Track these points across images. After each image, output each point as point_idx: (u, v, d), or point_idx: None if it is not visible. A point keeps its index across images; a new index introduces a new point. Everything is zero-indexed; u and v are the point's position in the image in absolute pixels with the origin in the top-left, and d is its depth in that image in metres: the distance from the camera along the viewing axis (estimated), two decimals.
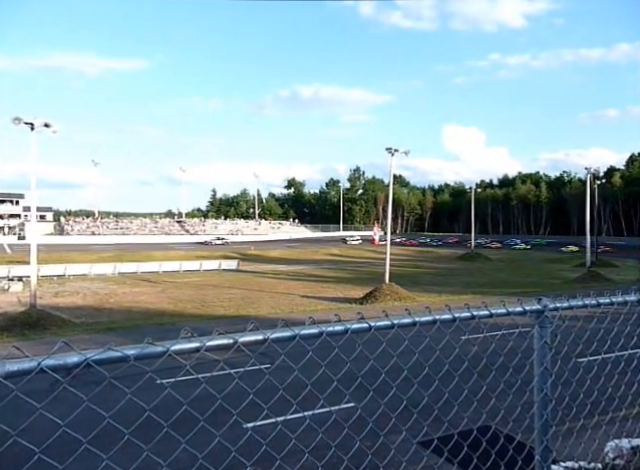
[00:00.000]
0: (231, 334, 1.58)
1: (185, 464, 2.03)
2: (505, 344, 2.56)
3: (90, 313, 25.90)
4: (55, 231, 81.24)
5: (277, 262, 57.10)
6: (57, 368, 1.22)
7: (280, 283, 39.47)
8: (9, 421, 1.40)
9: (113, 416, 1.68)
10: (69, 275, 39.95)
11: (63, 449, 1.54)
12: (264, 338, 1.67)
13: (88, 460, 1.72)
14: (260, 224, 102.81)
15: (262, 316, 24.49)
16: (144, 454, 1.76)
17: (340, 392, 2.28)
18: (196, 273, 45.00)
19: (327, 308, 26.89)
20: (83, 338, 18.92)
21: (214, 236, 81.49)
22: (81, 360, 1.24)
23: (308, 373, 2.11)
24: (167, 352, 1.42)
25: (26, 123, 22.23)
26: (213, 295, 32.35)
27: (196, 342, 1.50)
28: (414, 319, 2.04)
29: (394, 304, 27.40)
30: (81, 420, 1.72)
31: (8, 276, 36.55)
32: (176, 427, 1.88)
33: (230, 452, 2.00)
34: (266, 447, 2.03)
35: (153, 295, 32.25)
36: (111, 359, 1.30)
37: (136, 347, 1.35)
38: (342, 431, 2.21)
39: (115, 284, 37.03)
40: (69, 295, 31.55)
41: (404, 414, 2.44)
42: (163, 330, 20.46)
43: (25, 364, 1.17)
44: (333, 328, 1.84)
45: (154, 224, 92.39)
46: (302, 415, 2.32)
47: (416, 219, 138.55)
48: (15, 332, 20.72)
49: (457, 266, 55.68)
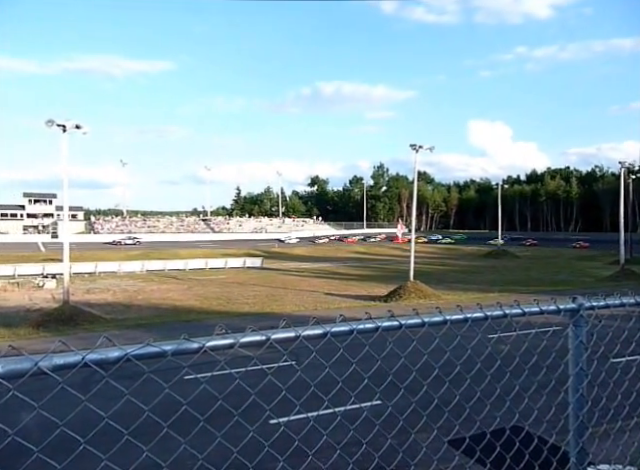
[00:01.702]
0: (263, 331, 1.60)
1: (215, 459, 2.06)
2: (538, 343, 2.51)
3: (120, 309, 26.57)
4: (86, 230, 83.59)
5: (301, 260, 57.34)
6: (99, 362, 1.26)
7: (304, 280, 39.62)
8: (51, 412, 1.47)
9: (142, 410, 1.72)
10: (99, 272, 41.06)
11: (103, 440, 1.58)
12: (295, 335, 1.69)
13: (129, 451, 1.77)
14: (284, 222, 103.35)
15: (286, 313, 24.63)
16: (181, 447, 1.81)
17: (368, 390, 2.27)
18: (221, 271, 45.62)
19: (351, 306, 26.85)
20: (114, 334, 19.40)
21: (125, 235, 75.62)
22: (122, 355, 1.28)
23: (335, 370, 2.11)
24: (203, 348, 1.44)
25: (58, 125, 22.91)
26: (238, 292, 32.73)
27: (230, 338, 1.52)
28: (445, 317, 2.02)
29: (419, 302, 27.16)
30: (117, 413, 1.78)
31: (43, 273, 37.82)
32: (206, 422, 1.91)
33: (260, 447, 2.03)
34: (298, 442, 2.05)
35: (180, 292, 32.84)
36: (149, 354, 1.33)
37: (173, 343, 1.38)
38: (371, 429, 2.21)
39: (143, 281, 37.87)
40: (100, 292, 32.43)
41: (434, 412, 2.42)
42: (190, 327, 20.78)
43: (70, 358, 1.21)
44: (364, 326, 1.84)
45: (180, 223, 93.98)
46: (332, 411, 2.33)
47: (441, 216, 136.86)
48: (50, 327, 21.41)
49: (483, 263, 54.76)
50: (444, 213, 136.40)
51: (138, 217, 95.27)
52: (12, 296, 30.46)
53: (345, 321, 1.78)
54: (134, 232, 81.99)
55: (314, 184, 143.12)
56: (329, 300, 29.58)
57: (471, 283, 36.04)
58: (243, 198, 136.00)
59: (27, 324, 22.17)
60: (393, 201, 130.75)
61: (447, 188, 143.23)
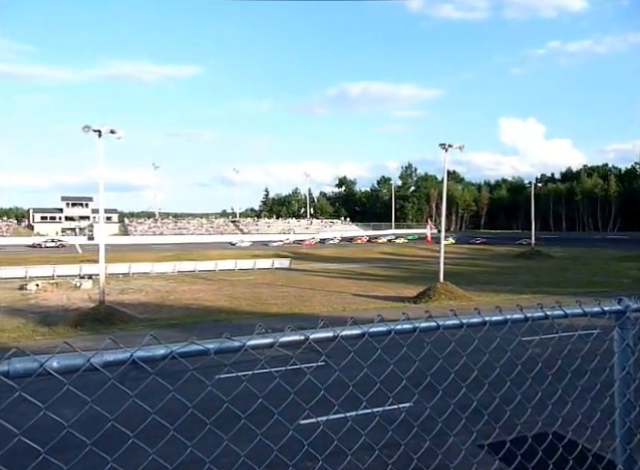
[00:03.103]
0: (302, 331, 1.60)
1: (251, 457, 2.08)
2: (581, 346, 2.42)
3: (152, 309, 27.19)
4: (120, 232, 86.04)
5: (329, 260, 57.35)
6: (146, 359, 1.29)
7: (332, 281, 39.60)
8: (92, 408, 1.52)
9: (176, 408, 1.75)
10: (133, 273, 42.13)
11: (150, 435, 1.63)
12: (334, 335, 1.69)
13: (175, 446, 1.81)
14: (312, 223, 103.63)
15: (315, 314, 24.67)
16: (224, 444, 1.83)
17: (402, 391, 2.26)
18: (250, 271, 46.10)
19: (380, 307, 26.67)
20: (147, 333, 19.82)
21: (48, 238, 73.57)
22: (167, 352, 1.31)
23: (367, 371, 2.11)
24: (244, 347, 1.46)
25: (94, 130, 23.66)
26: (267, 293, 33.00)
27: (270, 338, 1.54)
28: (484, 318, 1.98)
29: (449, 303, 26.72)
30: (137, 413, 1.81)
31: (80, 274, 39.13)
32: (232, 422, 1.93)
33: (294, 446, 2.04)
34: (331, 443, 2.05)
35: (210, 293, 33.36)
36: (193, 352, 1.36)
37: (215, 341, 1.41)
38: (406, 430, 2.18)
39: (175, 282, 38.65)
40: (133, 292, 33.29)
41: (471, 415, 2.38)
42: (220, 326, 21.09)
43: (119, 355, 1.26)
44: (402, 326, 1.83)
45: (210, 224, 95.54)
46: (368, 412, 2.31)
47: (471, 216, 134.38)
48: (87, 326, 22.11)
49: (516, 264, 53.44)
50: (474, 213, 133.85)
51: (170, 219, 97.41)
52: (52, 296, 31.61)
53: (383, 321, 1.78)
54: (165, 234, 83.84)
55: (342, 185, 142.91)
56: (357, 301, 29.46)
57: (503, 284, 35.21)
58: (271, 200, 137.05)
59: (65, 323, 22.97)
60: (422, 201, 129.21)
61: (477, 187, 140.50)
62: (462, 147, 31.53)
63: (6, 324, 22.81)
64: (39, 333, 21.11)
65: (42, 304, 28.50)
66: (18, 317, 24.49)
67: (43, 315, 25.01)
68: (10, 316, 24.79)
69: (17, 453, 1.66)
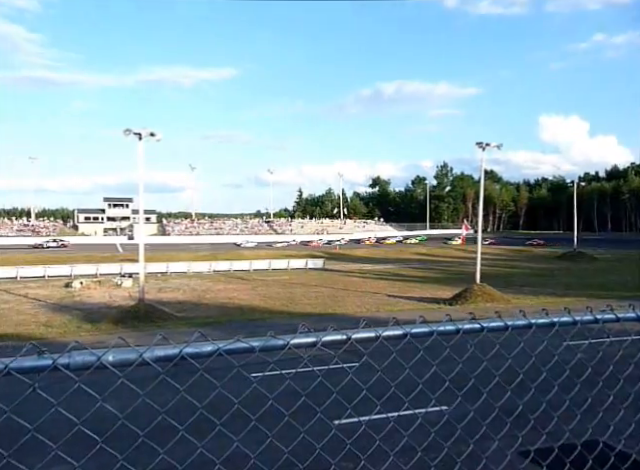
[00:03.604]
0: (344, 330, 1.61)
1: (275, 455, 2.10)
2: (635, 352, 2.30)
3: (189, 308, 27.85)
4: (158, 232, 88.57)
5: (363, 261, 57.12)
6: (194, 355, 1.33)
7: (366, 282, 39.44)
8: (123, 404, 1.58)
9: (210, 404, 1.79)
10: (171, 272, 43.26)
11: (164, 433, 1.68)
12: (375, 335, 1.68)
13: (189, 444, 1.85)
14: (345, 223, 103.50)
15: (349, 314, 24.64)
16: (235, 444, 1.86)
17: (440, 394, 2.22)
18: (284, 271, 46.48)
19: (415, 308, 26.35)
20: (185, 331, 20.34)
21: (50, 238, 73.02)
22: (214, 349, 1.34)
23: (396, 373, 2.10)
24: (287, 345, 1.48)
25: (135, 133, 24.50)
26: (300, 293, 33.19)
27: (313, 337, 1.55)
28: (530, 321, 1.92)
29: (486, 305, 26.11)
30: (191, 406, 1.85)
31: (121, 273, 40.52)
32: (275, 420, 1.95)
33: (323, 447, 2.04)
34: (367, 444, 2.05)
35: (245, 292, 33.86)
36: (239, 349, 1.38)
37: (260, 340, 1.43)
38: (440, 433, 2.15)
39: (211, 281, 39.44)
40: (171, 291, 34.19)
41: (514, 420, 2.32)
42: (254, 325, 21.37)
43: (169, 351, 1.30)
44: (445, 327, 1.80)
45: (244, 224, 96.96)
46: (386, 416, 2.29)
47: (509, 216, 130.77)
48: (127, 324, 22.88)
49: (557, 266, 51.63)
50: (513, 213, 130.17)
51: (205, 219, 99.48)
52: (95, 294, 32.89)
53: (425, 322, 1.75)
54: (202, 234, 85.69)
55: (375, 185, 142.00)
56: (391, 302, 29.22)
57: (543, 286, 34.08)
58: (304, 200, 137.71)
59: (108, 320, 23.87)
60: (458, 201, 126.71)
61: (516, 187, 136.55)
62: (500, 146, 30.79)
63: (54, 320, 23.91)
64: (83, 329, 22.00)
65: (86, 301, 29.70)
66: (64, 314, 25.62)
67: (87, 312, 26.06)
68: (57, 313, 25.97)
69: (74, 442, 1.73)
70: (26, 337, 19.98)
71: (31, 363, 1.15)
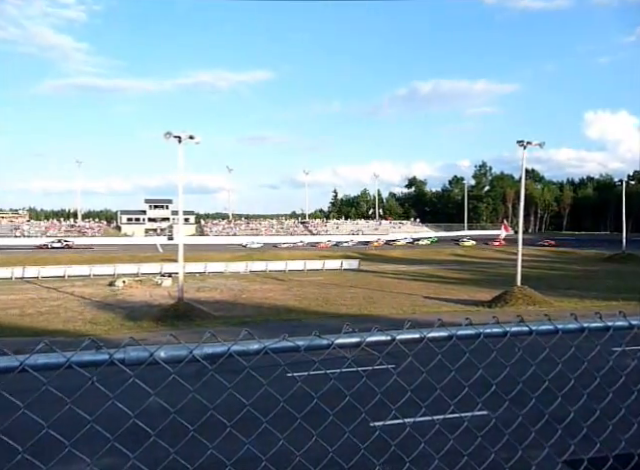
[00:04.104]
0: (389, 331, 1.59)
1: (318, 454, 2.10)
2: None
3: (226, 307, 28.36)
4: (196, 232, 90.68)
5: (398, 262, 56.55)
6: (242, 353, 1.35)
7: (401, 283, 39.03)
8: (165, 400, 1.62)
9: (246, 402, 1.81)
10: (208, 272, 44.18)
11: (210, 429, 1.71)
12: (420, 337, 1.66)
13: (231, 441, 1.88)
14: (380, 224, 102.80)
15: (384, 316, 24.44)
16: (280, 442, 1.88)
17: (472, 398, 2.17)
18: (319, 272, 46.61)
19: (452, 310, 25.86)
20: (222, 330, 20.73)
21: (55, 239, 73.31)
22: (261, 347, 1.36)
23: (437, 376, 2.06)
24: (332, 345, 1.48)
25: (175, 136, 25.20)
26: (335, 294, 33.20)
27: (357, 337, 1.54)
28: (582, 325, 1.85)
29: (527, 309, 25.32)
30: (226, 404, 1.88)
31: (161, 272, 41.74)
32: (305, 419, 1.95)
33: (357, 449, 2.03)
34: (395, 447, 2.02)
35: (280, 292, 34.18)
36: (285, 348, 1.40)
37: (305, 339, 1.44)
38: (474, 439, 2.10)
39: (247, 281, 40.04)
40: (209, 290, 34.93)
41: (551, 428, 2.23)
42: (290, 326, 21.50)
43: (218, 348, 1.32)
44: (491, 330, 1.76)
45: (280, 225, 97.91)
46: (431, 418, 2.25)
47: (552, 217, 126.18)
48: (167, 322, 23.54)
49: (603, 268, 49.42)
50: (555, 213, 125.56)
51: (242, 220, 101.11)
52: (136, 292, 34.02)
53: (471, 325, 1.71)
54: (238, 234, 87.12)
55: (411, 185, 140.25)
56: (428, 304, 28.79)
57: (588, 290, 32.69)
58: (340, 200, 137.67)
59: (149, 318, 24.63)
60: (497, 201, 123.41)
61: (559, 186, 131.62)
62: (542, 144, 29.79)
63: (98, 318, 24.91)
64: (126, 327, 22.79)
65: (128, 300, 30.76)
66: (108, 311, 26.64)
67: (129, 310, 26.99)
68: (102, 310, 27.03)
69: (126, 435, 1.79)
70: (73, 333, 20.90)
71: (90, 357, 1.20)
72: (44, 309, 26.85)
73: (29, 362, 1.14)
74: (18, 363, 1.13)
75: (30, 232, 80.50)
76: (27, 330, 21.41)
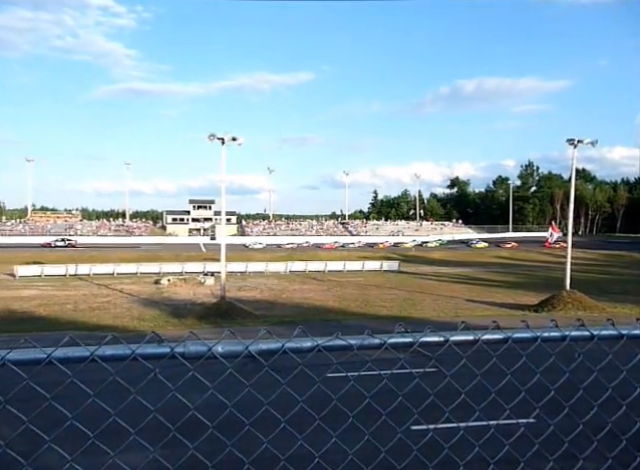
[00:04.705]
0: (442, 332, 1.56)
1: (360, 456, 2.08)
2: None
3: (266, 306, 28.76)
4: (238, 232, 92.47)
5: (439, 264, 55.53)
6: (295, 350, 1.37)
7: (442, 285, 38.32)
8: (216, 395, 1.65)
9: (294, 400, 1.82)
10: (249, 272, 44.91)
11: (264, 425, 1.73)
12: (474, 339, 1.62)
13: (287, 437, 1.90)
14: (421, 225, 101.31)
15: (426, 318, 24.06)
16: (332, 440, 1.88)
17: (522, 405, 2.09)
18: (358, 273, 46.43)
19: (496, 314, 25.11)
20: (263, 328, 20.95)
21: (58, 237, 73.45)
22: (314, 345, 1.37)
23: (487, 380, 1.99)
24: (384, 345, 1.47)
25: (218, 138, 25.81)
26: (375, 295, 32.99)
27: (409, 337, 1.52)
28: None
29: (577, 314, 24.21)
30: (272, 402, 1.90)
31: (204, 271, 42.82)
32: (344, 421, 1.95)
33: (403, 451, 2.00)
34: (448, 450, 1.98)
35: (319, 293, 34.30)
36: (337, 346, 1.40)
37: (357, 338, 1.43)
38: (527, 447, 2.03)
39: (287, 281, 40.43)
40: (249, 290, 35.51)
41: (587, 438, 2.12)
42: (329, 326, 21.54)
43: (272, 345, 1.34)
44: (549, 334, 1.69)
45: (320, 226, 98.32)
46: (486, 423, 2.19)
47: (604, 218, 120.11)
48: (210, 320, 24.13)
49: None
50: (608, 215, 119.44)
51: (282, 220, 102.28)
52: (180, 291, 35.06)
53: (528, 328, 1.66)
54: (279, 235, 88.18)
55: (454, 186, 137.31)
56: (471, 307, 28.12)
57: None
58: (380, 201, 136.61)
59: (192, 316, 25.35)
60: (544, 202, 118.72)
61: (612, 186, 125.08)
62: (595, 142, 28.41)
63: (145, 314, 25.86)
64: (171, 324, 23.54)
65: (173, 298, 31.75)
66: (154, 308, 27.60)
67: (174, 308, 27.86)
68: (148, 307, 28.04)
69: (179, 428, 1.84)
70: (122, 329, 21.80)
71: (152, 350, 1.25)
72: (95, 305, 28.13)
73: (98, 353, 1.19)
74: (88, 353, 1.19)
75: (83, 231, 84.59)
76: (81, 324, 22.52)
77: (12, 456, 1.63)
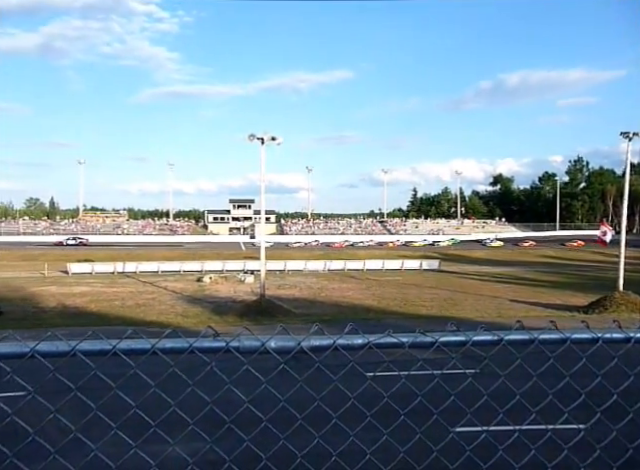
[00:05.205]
0: (496, 331, 1.52)
1: (391, 455, 2.06)
2: None
3: (305, 305, 28.94)
4: (277, 231, 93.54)
5: (481, 263, 54.14)
6: (346, 347, 1.36)
7: (485, 285, 37.33)
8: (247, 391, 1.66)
9: (323, 399, 1.81)
10: (288, 270, 45.33)
11: (313, 421, 1.73)
12: (530, 338, 1.56)
13: (308, 434, 1.90)
14: (462, 223, 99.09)
15: (467, 318, 23.51)
16: (384, 437, 1.86)
17: (586, 408, 1.99)
18: (397, 272, 45.96)
19: (543, 315, 24.22)
20: (302, 327, 21.14)
21: (69, 235, 76.10)
22: (365, 342, 1.36)
23: (521, 383, 1.92)
24: (436, 343, 1.44)
25: (258, 138, 26.20)
26: (415, 294, 32.55)
27: (462, 336, 1.49)
28: None
29: (631, 316, 23.03)
30: (300, 399, 1.91)
31: (244, 269, 43.59)
32: (389, 420, 1.92)
33: (440, 453, 1.95)
34: (502, 452, 1.91)
35: (358, 291, 34.18)
36: (388, 344, 1.38)
37: (409, 336, 1.42)
38: (562, 452, 1.95)
39: (325, 280, 40.52)
40: (289, 288, 35.84)
41: None
42: (368, 325, 21.39)
43: (324, 341, 1.35)
44: (611, 335, 1.61)
45: (358, 224, 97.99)
46: (518, 428, 2.11)
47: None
48: (250, 317, 24.53)
49: None
50: None
51: (321, 219, 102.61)
52: (221, 288, 35.84)
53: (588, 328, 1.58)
54: (317, 233, 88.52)
55: (496, 183, 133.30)
56: (515, 307, 27.26)
57: None
58: (419, 199, 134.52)
59: (233, 313, 25.87)
60: (595, 199, 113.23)
61: None
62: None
63: (188, 311, 26.62)
64: (213, 321, 24.06)
65: (214, 295, 32.50)
66: (197, 305, 28.35)
67: (215, 305, 28.52)
68: (191, 304, 28.83)
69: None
70: (167, 325, 22.51)
71: (209, 344, 1.28)
72: (141, 301, 29.19)
73: (159, 346, 1.24)
74: (150, 346, 1.24)
75: (129, 230, 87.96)
76: (128, 320, 23.44)
77: (82, 440, 1.71)
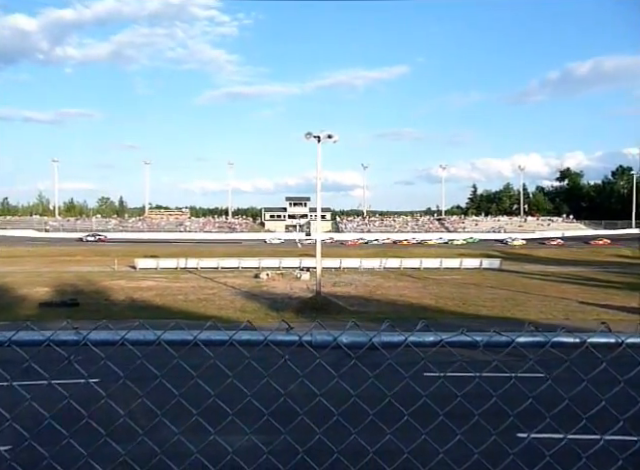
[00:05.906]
0: (579, 333, 1.43)
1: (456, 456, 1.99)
2: None
3: (361, 302, 28.83)
4: (332, 228, 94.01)
5: (546, 262, 51.50)
6: (417, 344, 1.34)
7: (550, 286, 35.46)
8: None
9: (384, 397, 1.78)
10: (343, 268, 45.36)
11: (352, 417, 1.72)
12: (616, 342, 1.46)
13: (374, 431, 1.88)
14: (525, 220, 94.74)
15: (531, 320, 22.43)
16: (422, 437, 1.83)
17: None
18: (456, 271, 44.70)
19: (616, 318, 22.68)
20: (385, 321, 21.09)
21: (89, 232, 78.18)
22: (437, 340, 1.33)
23: (602, 389, 1.78)
24: (512, 343, 1.38)
25: (314, 136, 26.43)
26: (474, 294, 31.53)
27: (540, 337, 1.42)
28: None
29: None
30: (367, 394, 1.88)
31: (300, 266, 44.14)
32: (452, 421, 1.86)
33: (500, 457, 1.87)
34: (549, 459, 1.81)
35: (415, 290, 33.58)
36: (461, 343, 1.35)
37: (484, 335, 1.37)
38: None
39: (381, 278, 40.15)
40: (344, 285, 35.85)
41: None
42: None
43: (394, 337, 1.33)
44: None
45: (414, 222, 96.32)
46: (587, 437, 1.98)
47: None
48: (306, 314, 24.80)
49: None
50: None
51: (376, 217, 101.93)
52: (278, 284, 36.50)
53: None
54: (373, 231, 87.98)
55: (564, 178, 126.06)
56: (584, 310, 25.72)
57: None
58: (479, 196, 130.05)
59: (290, 309, 26.27)
60: None
61: None
62: None
63: (246, 306, 27.35)
64: (270, 316, 24.60)
65: (271, 291, 33.16)
66: (254, 301, 29.07)
67: (272, 301, 29.09)
68: (249, 300, 29.60)
69: None
70: (226, 320, 23.26)
71: (282, 337, 1.31)
72: (202, 296, 30.35)
73: (235, 337, 1.28)
74: (227, 337, 1.28)
75: (191, 228, 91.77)
76: (191, 314, 24.46)
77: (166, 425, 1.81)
